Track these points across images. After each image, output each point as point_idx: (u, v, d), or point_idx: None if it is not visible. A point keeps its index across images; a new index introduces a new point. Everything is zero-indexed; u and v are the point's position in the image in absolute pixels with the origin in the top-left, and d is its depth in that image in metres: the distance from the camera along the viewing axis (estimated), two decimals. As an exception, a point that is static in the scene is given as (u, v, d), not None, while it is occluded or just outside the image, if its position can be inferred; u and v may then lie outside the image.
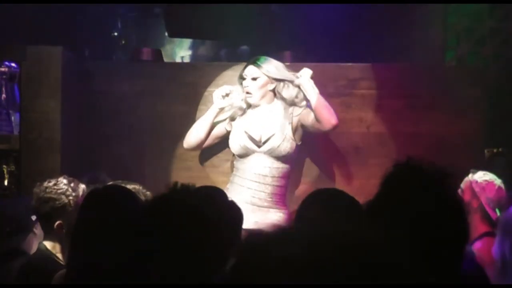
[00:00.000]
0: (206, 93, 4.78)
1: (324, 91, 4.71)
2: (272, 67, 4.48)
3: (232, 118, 4.57)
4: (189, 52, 6.70)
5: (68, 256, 2.42)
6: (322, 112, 4.34)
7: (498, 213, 3.97)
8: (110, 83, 4.77)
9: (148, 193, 3.06)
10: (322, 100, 4.38)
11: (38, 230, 3.18)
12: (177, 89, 4.74)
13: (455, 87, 4.83)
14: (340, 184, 4.57)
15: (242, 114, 4.55)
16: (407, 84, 4.84)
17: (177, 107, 4.76)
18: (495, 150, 4.94)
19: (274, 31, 4.73)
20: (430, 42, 5.87)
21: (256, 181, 4.41)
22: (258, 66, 4.47)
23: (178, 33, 5.72)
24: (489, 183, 3.92)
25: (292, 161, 4.51)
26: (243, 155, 4.46)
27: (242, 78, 4.50)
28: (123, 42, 6.35)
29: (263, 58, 4.52)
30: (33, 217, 3.17)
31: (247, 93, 4.46)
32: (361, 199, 2.31)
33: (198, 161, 4.77)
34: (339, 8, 5.66)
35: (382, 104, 4.83)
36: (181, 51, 6.72)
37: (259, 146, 4.43)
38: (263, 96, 4.48)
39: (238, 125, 4.52)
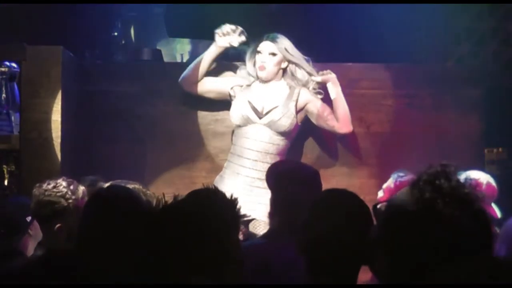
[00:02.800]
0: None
1: (324, 91, 4.71)
2: (289, 46, 4.50)
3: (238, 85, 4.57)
4: (189, 50, 6.70)
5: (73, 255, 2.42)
6: (344, 114, 4.48)
7: (496, 208, 3.99)
8: (110, 83, 4.77)
9: (148, 192, 3.05)
10: (346, 105, 4.50)
11: (33, 231, 3.17)
12: (177, 89, 4.73)
13: (455, 87, 4.84)
14: (340, 183, 4.57)
15: (249, 85, 4.55)
16: (407, 84, 4.84)
17: (177, 107, 4.75)
18: (495, 150, 4.94)
19: (274, 31, 4.72)
20: (430, 42, 5.87)
21: (252, 159, 4.40)
22: (275, 42, 4.49)
23: (178, 33, 5.72)
24: (476, 180, 3.95)
25: (290, 140, 4.49)
26: (242, 124, 4.45)
27: (256, 52, 4.50)
28: (123, 42, 6.34)
29: (277, 35, 4.53)
30: (28, 218, 3.16)
31: (262, 68, 4.47)
32: (362, 198, 2.30)
33: (198, 161, 4.77)
34: (339, 8, 5.66)
35: (382, 104, 4.83)
36: (181, 50, 6.72)
37: (260, 118, 4.43)
38: (276, 73, 4.51)
39: (243, 95, 4.51)
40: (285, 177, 2.99)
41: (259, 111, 4.44)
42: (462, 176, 4.03)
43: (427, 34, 5.87)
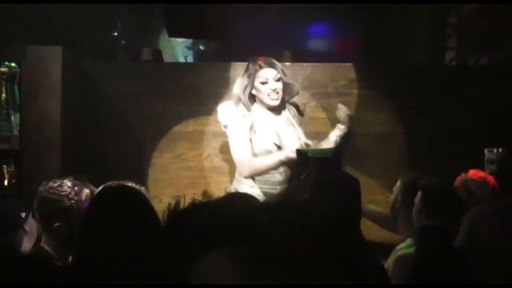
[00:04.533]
0: (205, 93, 4.78)
1: (324, 91, 4.72)
2: (283, 68, 4.34)
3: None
4: (190, 52, 6.71)
5: (75, 254, 2.41)
6: None
7: None
8: (110, 83, 4.77)
9: (143, 188, 3.05)
10: None
11: (28, 227, 3.17)
12: (177, 89, 4.74)
13: (455, 87, 4.84)
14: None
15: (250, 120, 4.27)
16: (406, 84, 4.84)
17: (177, 107, 4.76)
18: (495, 150, 4.94)
19: (273, 31, 4.73)
20: (430, 42, 5.87)
21: (269, 185, 4.27)
22: (274, 67, 4.29)
23: (178, 33, 5.71)
24: (484, 180, 3.95)
25: None
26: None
27: (261, 83, 4.23)
28: (123, 42, 6.35)
29: (270, 59, 4.34)
30: (23, 214, 3.16)
31: (274, 95, 4.23)
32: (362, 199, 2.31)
33: (198, 161, 4.77)
34: (339, 8, 5.66)
35: (382, 104, 4.84)
36: (182, 51, 6.72)
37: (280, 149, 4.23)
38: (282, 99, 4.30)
39: (261, 135, 4.24)
40: (324, 186, 3.03)
41: (278, 145, 4.23)
42: (469, 173, 4.02)
43: (427, 34, 5.88)
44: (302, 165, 3.85)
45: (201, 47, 6.01)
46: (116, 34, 6.33)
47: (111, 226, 2.26)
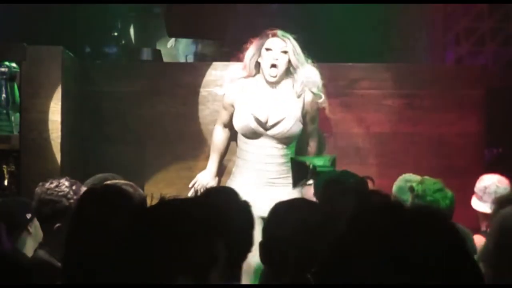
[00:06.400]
0: (205, 93, 4.78)
1: (324, 91, 4.71)
2: (297, 48, 4.32)
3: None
4: (190, 51, 6.70)
5: (64, 254, 2.39)
6: None
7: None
8: (110, 83, 4.77)
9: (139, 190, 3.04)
10: None
11: (32, 228, 3.16)
12: (176, 89, 4.73)
13: (455, 87, 4.84)
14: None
15: (245, 86, 4.39)
16: (407, 84, 4.84)
17: (177, 107, 4.76)
18: (495, 150, 4.95)
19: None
20: (430, 42, 5.87)
21: (262, 162, 4.34)
22: (286, 40, 4.31)
23: (178, 33, 5.71)
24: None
25: (296, 140, 4.45)
26: (249, 136, 4.38)
27: (265, 50, 4.32)
28: (123, 42, 6.35)
29: (286, 33, 4.36)
30: (28, 215, 3.15)
31: (273, 66, 4.29)
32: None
33: (198, 161, 4.77)
34: (340, 8, 5.66)
35: (382, 104, 4.83)
36: (182, 51, 6.72)
37: (266, 129, 4.34)
38: (284, 74, 4.34)
39: (244, 103, 4.37)
40: (329, 187, 3.02)
41: (263, 123, 4.31)
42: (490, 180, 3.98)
43: (427, 34, 5.87)
44: (300, 174, 3.85)
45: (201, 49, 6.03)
46: (116, 34, 6.32)
47: (97, 227, 2.24)
